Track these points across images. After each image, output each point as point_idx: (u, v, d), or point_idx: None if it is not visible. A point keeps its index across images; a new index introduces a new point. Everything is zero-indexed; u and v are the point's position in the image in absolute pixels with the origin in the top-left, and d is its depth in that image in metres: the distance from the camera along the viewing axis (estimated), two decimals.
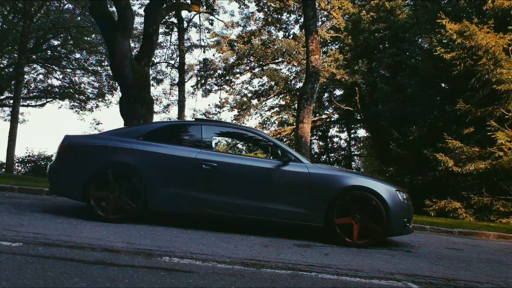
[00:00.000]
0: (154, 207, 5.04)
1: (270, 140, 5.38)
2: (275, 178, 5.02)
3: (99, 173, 5.01)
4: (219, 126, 5.51)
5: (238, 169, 5.03)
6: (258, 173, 5.03)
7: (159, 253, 3.65)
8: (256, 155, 5.51)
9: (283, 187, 5.00)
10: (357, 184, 4.97)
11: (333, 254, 4.36)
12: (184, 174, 5.02)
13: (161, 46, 25.07)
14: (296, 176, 5.01)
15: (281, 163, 5.07)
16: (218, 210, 4.98)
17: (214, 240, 4.47)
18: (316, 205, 4.94)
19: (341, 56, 19.28)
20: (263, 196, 4.98)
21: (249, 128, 5.69)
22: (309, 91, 13.08)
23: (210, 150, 5.24)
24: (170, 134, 5.37)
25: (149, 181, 4.99)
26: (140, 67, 10.18)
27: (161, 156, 5.06)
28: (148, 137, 5.26)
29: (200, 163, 5.00)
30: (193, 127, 5.41)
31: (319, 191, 4.95)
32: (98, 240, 3.93)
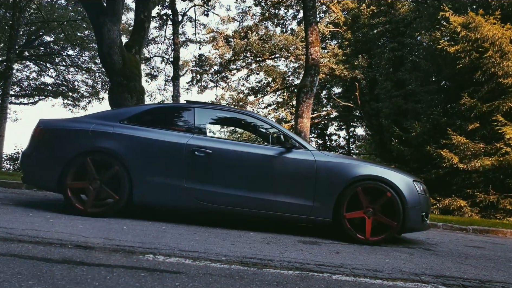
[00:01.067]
0: (140, 199, 4.44)
1: (271, 124, 4.80)
2: (277, 166, 4.44)
3: (77, 160, 4.41)
4: (214, 110, 4.92)
5: (235, 156, 4.44)
6: (258, 161, 4.44)
7: (142, 251, 3.07)
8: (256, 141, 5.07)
9: (287, 176, 4.42)
10: (369, 173, 4.40)
11: (345, 252, 3.78)
12: (175, 162, 4.43)
13: (156, 41, 24.48)
14: (301, 164, 4.43)
15: (284, 150, 4.49)
16: (213, 202, 4.40)
17: (207, 236, 3.88)
18: (324, 197, 4.36)
19: (340, 51, 18.76)
20: (263, 187, 4.40)
21: (248, 112, 5.10)
22: (309, 84, 12.55)
23: (204, 136, 4.66)
24: (158, 117, 4.78)
25: (135, 169, 4.39)
26: (131, 55, 9.58)
27: (148, 142, 4.47)
28: (133, 121, 4.67)
29: (192, 149, 4.42)
30: (185, 110, 4.82)
31: (327, 181, 4.37)
32: (70, 236, 3.34)
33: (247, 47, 21.42)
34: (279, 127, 4.75)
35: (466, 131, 13.30)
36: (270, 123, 4.80)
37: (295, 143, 4.55)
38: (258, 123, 5.00)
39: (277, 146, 4.54)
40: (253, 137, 6.09)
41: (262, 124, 4.92)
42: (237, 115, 5.03)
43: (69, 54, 25.80)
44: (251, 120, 5.00)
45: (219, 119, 5.04)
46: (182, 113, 4.80)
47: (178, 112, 4.86)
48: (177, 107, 4.98)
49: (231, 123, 5.31)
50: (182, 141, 4.47)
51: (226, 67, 23.34)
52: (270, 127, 4.78)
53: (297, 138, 4.64)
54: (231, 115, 5.04)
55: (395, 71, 18.06)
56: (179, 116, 4.80)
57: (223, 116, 5.03)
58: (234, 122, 5.23)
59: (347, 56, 19.27)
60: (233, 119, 5.11)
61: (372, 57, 19.52)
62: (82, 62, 26.08)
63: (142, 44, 10.19)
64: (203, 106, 4.85)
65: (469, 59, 13.40)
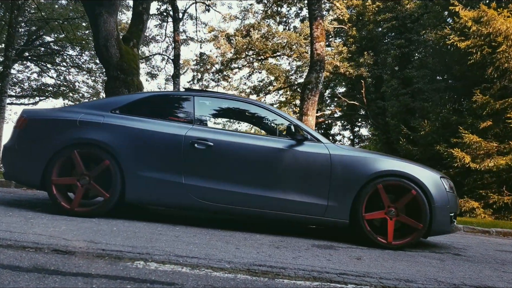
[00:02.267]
0: (133, 198, 3.96)
1: (280, 114, 4.30)
2: (287, 161, 3.95)
3: (63, 154, 3.93)
4: (216, 98, 4.43)
5: (240, 149, 3.96)
6: (266, 154, 3.95)
7: (131, 256, 2.58)
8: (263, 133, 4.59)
9: (298, 172, 3.93)
10: (391, 168, 3.91)
11: (366, 258, 3.29)
12: (172, 156, 3.95)
13: (156, 39, 24.06)
14: (314, 158, 3.94)
15: (295, 143, 4.00)
16: (215, 201, 3.91)
17: (209, 239, 3.39)
18: (340, 195, 3.87)
19: (345, 49, 18.27)
20: (272, 183, 3.91)
21: (254, 100, 4.58)
22: (314, 81, 12.09)
23: (205, 127, 4.18)
24: (154, 106, 4.29)
25: (127, 164, 3.91)
26: (128, 48, 9.11)
27: (142, 133, 3.99)
28: (126, 110, 4.18)
29: (192, 141, 3.93)
30: (184, 98, 4.33)
31: (344, 177, 3.88)
32: (49, 238, 2.86)
33: (249, 45, 20.94)
34: (289, 117, 4.26)
35: (478, 130, 12.79)
36: (278, 113, 4.31)
37: (307, 135, 4.07)
38: (265, 113, 4.50)
39: (287, 138, 4.06)
40: (257, 130, 5.46)
41: (270, 114, 4.42)
42: (241, 104, 4.52)
43: (70, 54, 25.66)
44: (258, 109, 4.50)
45: (221, 108, 4.55)
46: (181, 102, 4.32)
47: (176, 100, 4.37)
48: (175, 95, 4.49)
49: (235, 113, 4.78)
50: (181, 132, 3.99)
51: (227, 66, 22.87)
52: (278, 117, 4.28)
53: (309, 130, 4.16)
54: (235, 104, 4.54)
55: (402, 69, 17.56)
56: (177, 105, 4.32)
57: (226, 105, 4.54)
58: (238, 112, 4.71)
59: (352, 54, 18.78)
60: (237, 108, 4.61)
61: (377, 55, 19.01)
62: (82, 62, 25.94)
63: (140, 38, 9.72)
64: (204, 94, 4.36)
65: (481, 55, 12.92)
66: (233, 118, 4.93)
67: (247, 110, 4.65)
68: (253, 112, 4.62)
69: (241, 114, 4.82)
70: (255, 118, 4.78)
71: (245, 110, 4.67)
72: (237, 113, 4.76)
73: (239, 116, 4.97)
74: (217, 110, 4.58)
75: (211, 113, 4.56)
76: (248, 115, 4.82)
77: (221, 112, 4.60)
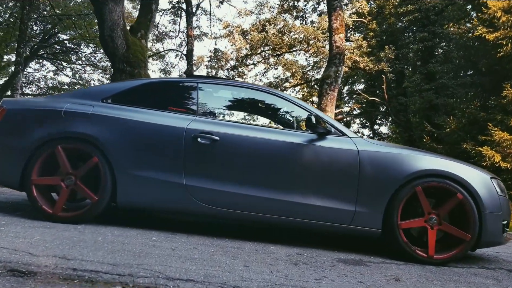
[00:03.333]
0: (126, 201, 3.38)
1: (299, 104, 3.66)
2: (307, 158, 3.33)
3: (45, 149, 3.38)
4: (223, 85, 3.81)
5: (250, 145, 3.35)
6: (281, 150, 3.34)
7: (108, 279, 2.01)
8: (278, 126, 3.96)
9: (319, 172, 3.30)
10: (433, 168, 3.25)
11: (406, 278, 2.65)
12: (171, 152, 3.36)
13: (170, 36, 23.64)
14: (339, 155, 3.31)
15: (316, 137, 3.38)
16: (221, 205, 3.31)
17: (212, 253, 2.79)
18: (370, 199, 3.24)
19: (365, 43, 17.49)
20: (289, 185, 3.30)
21: (267, 88, 3.92)
22: (333, 75, 11.43)
23: (210, 118, 3.58)
24: (151, 95, 3.71)
25: (119, 161, 3.34)
26: (136, 39, 8.59)
27: (137, 126, 3.41)
28: (119, 99, 3.61)
29: (194, 135, 3.34)
30: (186, 85, 3.73)
31: (375, 178, 3.25)
32: (12, 253, 2.30)
33: (264, 40, 20.28)
34: (309, 107, 3.63)
35: (508, 126, 11.92)
36: (297, 103, 3.66)
37: (330, 128, 3.43)
38: (280, 103, 3.88)
39: (306, 131, 3.44)
40: (272, 122, 4.72)
41: (286, 104, 3.76)
42: (253, 93, 3.88)
43: (84, 52, 25.74)
44: (272, 98, 3.85)
45: (229, 97, 3.94)
46: (182, 89, 3.72)
47: (177, 88, 3.77)
48: (176, 82, 3.88)
49: (246, 103, 4.13)
50: (181, 124, 3.39)
51: (242, 62, 22.26)
52: (296, 107, 3.64)
53: (333, 122, 3.52)
54: (245, 92, 3.90)
55: (424, 63, 16.71)
56: (178, 93, 3.72)
57: (235, 94, 3.92)
58: (249, 101, 4.08)
59: (372, 48, 17.99)
60: (248, 97, 3.99)
61: (399, 49, 18.18)
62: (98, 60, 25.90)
63: (149, 28, 9.18)
64: (209, 81, 3.76)
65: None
66: (243, 109, 4.28)
67: (260, 100, 4.02)
68: (267, 101, 3.99)
69: (252, 104, 4.17)
70: (269, 108, 4.15)
71: (257, 100, 4.04)
72: (248, 103, 4.13)
73: (250, 106, 4.28)
74: (225, 100, 3.96)
75: (218, 102, 3.94)
76: (261, 105, 4.18)
77: (229, 101, 3.99)
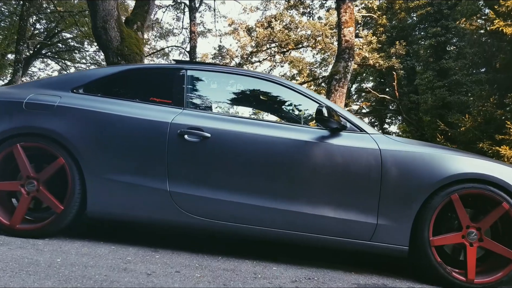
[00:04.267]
0: (97, 210, 2.81)
1: (307, 94, 3.04)
2: (318, 159, 2.73)
3: (2, 148, 2.82)
4: (216, 72, 3.22)
5: (249, 143, 2.76)
6: (286, 150, 2.74)
7: None
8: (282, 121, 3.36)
9: (333, 176, 2.70)
10: (472, 171, 2.64)
11: None
12: (152, 152, 2.78)
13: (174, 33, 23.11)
14: (357, 156, 2.71)
15: (328, 133, 2.78)
16: (213, 217, 2.73)
17: (197, 279, 2.21)
18: (395, 210, 2.64)
19: (374, 39, 16.81)
20: (294, 192, 2.71)
21: (269, 75, 3.29)
22: (342, 70, 10.84)
23: (200, 111, 3.00)
24: (131, 84, 3.13)
25: (90, 163, 2.77)
26: (131, 31, 8.03)
27: (112, 120, 2.84)
28: (92, 89, 3.04)
29: (181, 131, 2.76)
30: (173, 72, 3.14)
31: (401, 183, 2.65)
32: None
33: (270, 36, 19.65)
34: (320, 98, 3.02)
35: None
36: (304, 93, 3.04)
37: (345, 123, 2.83)
38: (285, 93, 3.25)
39: (316, 127, 2.85)
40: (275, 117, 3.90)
41: (292, 94, 3.08)
42: (252, 81, 3.25)
43: (88, 51, 25.55)
44: (274, 87, 3.20)
45: (224, 87, 3.34)
46: (168, 77, 3.12)
47: (162, 76, 3.17)
48: (160, 69, 3.28)
49: (243, 93, 3.50)
50: (165, 118, 2.81)
51: (248, 59, 21.64)
52: (304, 98, 3.02)
53: (349, 115, 2.93)
54: (243, 80, 3.28)
55: (437, 59, 16.01)
56: (163, 82, 3.13)
57: (230, 83, 3.33)
58: (247, 91, 3.47)
59: (381, 44, 17.30)
60: (246, 87, 3.39)
61: (410, 44, 17.48)
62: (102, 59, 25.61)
63: (145, 20, 8.61)
64: (201, 68, 3.17)
65: None
66: (240, 101, 3.56)
67: (260, 89, 3.39)
68: (268, 91, 3.37)
69: (251, 94, 3.52)
70: (270, 99, 3.53)
71: (257, 89, 3.41)
72: (246, 93, 3.49)
73: (248, 97, 3.56)
74: (219, 89, 3.36)
75: (210, 93, 3.33)
76: (262, 96, 3.55)
77: (224, 92, 3.40)
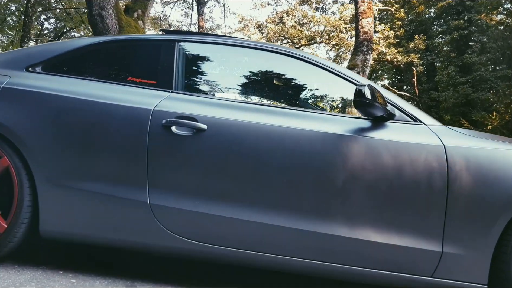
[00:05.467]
0: (53, 229, 2.06)
1: (337, 71, 2.25)
2: (356, 160, 1.95)
3: None
4: (216, 45, 2.42)
5: (261, 138, 1.98)
6: (313, 147, 1.96)
7: None
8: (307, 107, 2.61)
9: (377, 184, 1.92)
10: None
11: None
12: (128, 150, 2.03)
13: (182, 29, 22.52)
14: (411, 155, 1.92)
15: (370, 124, 2.01)
16: (209, 240, 1.97)
17: None
18: (468, 233, 1.85)
19: (392, 33, 15.94)
20: (323, 207, 1.93)
21: (284, 48, 2.42)
22: (360, 64, 10.08)
23: (193, 94, 2.23)
24: (104, 61, 2.39)
25: (44, 165, 2.03)
26: (131, 19, 7.34)
27: (75, 107, 2.10)
28: (52, 67, 2.30)
29: (167, 121, 2.00)
30: (159, 46, 2.38)
31: (476, 195, 1.86)
32: None
33: (282, 32, 18.88)
34: (360, 79, 2.24)
35: None
36: (334, 69, 2.24)
37: (393, 109, 2.05)
38: (307, 71, 2.40)
39: (353, 115, 2.08)
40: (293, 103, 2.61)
41: (317, 71, 2.24)
42: (263, 55, 2.40)
43: None
44: (293, 63, 2.30)
45: (227, 63, 2.58)
46: (153, 52, 2.37)
47: (145, 49, 2.41)
48: (143, 41, 2.51)
49: (252, 71, 2.62)
50: (146, 104, 2.06)
51: None
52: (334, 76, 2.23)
53: (397, 100, 2.15)
54: (252, 54, 2.45)
55: (459, 54, 15.10)
56: (146, 57, 2.38)
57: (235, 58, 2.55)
58: (257, 68, 2.63)
59: (399, 39, 16.42)
60: (256, 63, 2.57)
61: (429, 39, 16.58)
62: None
63: (147, 8, 7.93)
64: (196, 39, 2.40)
65: None
66: (248, 82, 2.61)
67: (276, 66, 2.56)
68: (287, 68, 2.55)
69: (264, 73, 2.67)
70: (290, 80, 2.68)
71: (269, 65, 2.57)
72: (257, 71, 2.64)
73: (260, 76, 2.64)
74: (219, 67, 2.59)
75: (208, 71, 2.55)
76: (276, 76, 2.70)
77: (227, 70, 2.63)
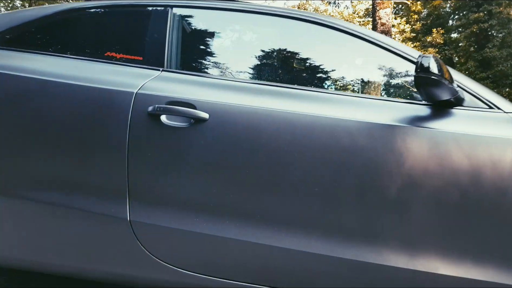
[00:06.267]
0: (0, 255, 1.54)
1: (387, 45, 1.68)
2: (416, 159, 1.40)
3: None
4: (220, 11, 1.84)
5: (282, 130, 1.44)
6: (354, 143, 1.42)
7: None
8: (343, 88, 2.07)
9: (447, 193, 1.37)
10: None
11: None
12: (102, 146, 1.50)
13: None
14: (489, 153, 1.37)
15: (431, 111, 1.46)
16: (213, 272, 1.43)
17: None
18: None
19: (408, 27, 15.35)
20: (372, 225, 1.39)
21: (307, 13, 1.82)
22: None
23: (190, 73, 1.68)
24: (76, 32, 1.86)
25: None
26: None
27: (34, 89, 1.57)
28: (12, 40, 1.78)
29: (154, 109, 1.47)
30: (147, 13, 1.85)
31: None
32: None
33: None
34: (410, 50, 1.69)
35: None
36: (382, 43, 1.68)
37: (460, 93, 1.50)
38: (345, 45, 1.81)
39: (407, 99, 1.53)
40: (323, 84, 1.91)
41: (360, 45, 1.66)
42: (283, 23, 1.82)
43: None
44: (326, 35, 1.73)
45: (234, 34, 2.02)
46: (140, 20, 1.84)
47: (130, 18, 1.88)
48: (126, 7, 1.97)
49: (269, 46, 2.01)
50: (128, 85, 1.54)
51: None
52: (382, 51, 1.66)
53: (466, 81, 1.59)
54: (269, 23, 1.91)
55: (479, 48, 14.46)
56: (131, 27, 1.85)
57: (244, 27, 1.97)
58: (276, 42, 1.98)
59: (416, 33, 15.82)
60: (275, 35, 1.97)
61: (447, 33, 15.96)
62: None
63: None
64: (194, 4, 1.85)
65: None
66: (263, 58, 1.90)
67: (298, 37, 1.95)
68: (313, 40, 1.94)
69: (281, 47, 2.04)
70: (317, 55, 2.03)
71: (292, 39, 1.98)
72: (274, 44, 1.99)
73: (278, 51, 1.95)
74: (225, 39, 2.03)
75: (210, 44, 1.97)
76: (300, 50, 2.07)
77: (234, 42, 2.06)
